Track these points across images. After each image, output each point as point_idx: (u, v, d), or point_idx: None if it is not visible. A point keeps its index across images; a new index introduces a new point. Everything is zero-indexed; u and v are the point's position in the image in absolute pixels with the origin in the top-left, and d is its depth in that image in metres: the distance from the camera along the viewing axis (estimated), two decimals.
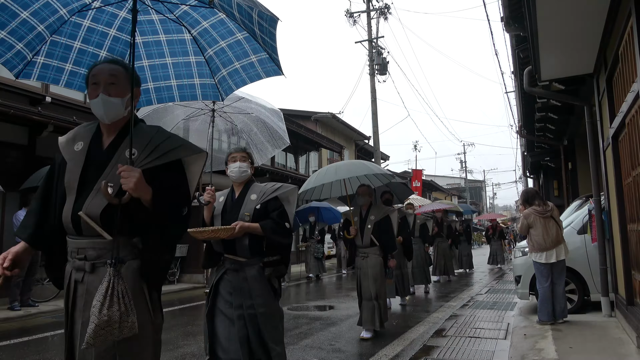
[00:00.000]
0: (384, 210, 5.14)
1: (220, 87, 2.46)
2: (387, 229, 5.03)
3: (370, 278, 4.96)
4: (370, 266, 4.98)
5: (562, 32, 4.58)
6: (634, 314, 4.32)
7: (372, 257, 5.00)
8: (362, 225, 5.07)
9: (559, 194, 11.91)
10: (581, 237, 6.02)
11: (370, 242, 5.00)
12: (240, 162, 3.01)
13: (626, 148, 4.45)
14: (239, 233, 2.73)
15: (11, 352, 4.74)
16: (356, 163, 5.34)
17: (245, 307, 2.79)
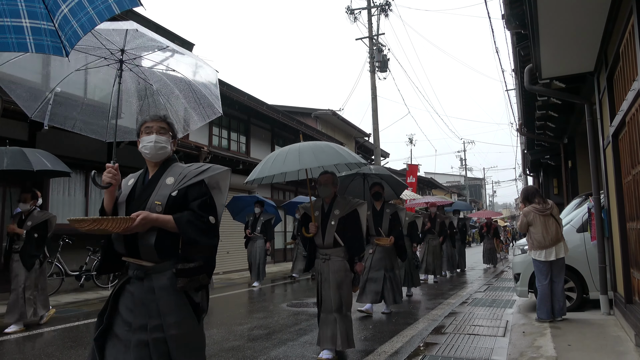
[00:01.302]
0: (350, 204, 4.16)
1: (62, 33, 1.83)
2: (354, 226, 4.11)
3: (332, 285, 4.04)
4: (332, 271, 4.07)
5: (563, 30, 4.58)
6: (633, 312, 4.33)
7: (335, 260, 4.09)
8: (324, 222, 4.16)
9: (559, 192, 11.93)
10: (580, 235, 6.03)
11: (334, 241, 4.10)
12: (157, 134, 2.28)
13: (626, 146, 4.45)
14: (139, 227, 2.02)
15: (11, 347, 4.75)
16: (324, 148, 4.06)
17: (150, 329, 2.06)
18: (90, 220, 1.97)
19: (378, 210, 6.25)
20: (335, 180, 4.27)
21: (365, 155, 26.67)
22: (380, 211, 6.24)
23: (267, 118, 15.42)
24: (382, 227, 6.16)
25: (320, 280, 4.16)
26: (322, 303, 4.12)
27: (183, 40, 12.52)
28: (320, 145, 4.11)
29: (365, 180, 6.74)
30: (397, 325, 5.59)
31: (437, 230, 10.86)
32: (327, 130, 21.26)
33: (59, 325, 5.77)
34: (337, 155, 4.05)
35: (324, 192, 4.23)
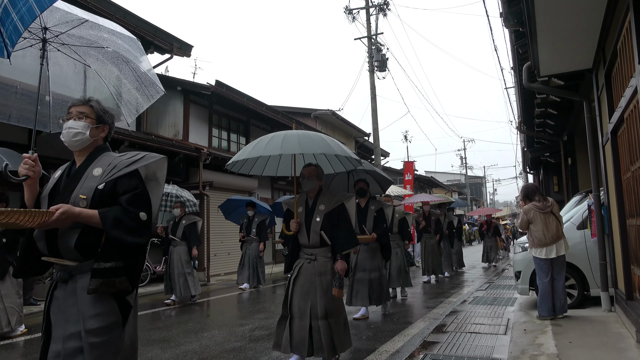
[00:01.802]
0: (337, 198, 3.76)
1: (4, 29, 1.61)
2: (342, 222, 3.69)
3: (319, 289, 3.61)
4: (319, 273, 3.65)
5: (561, 27, 4.58)
6: (634, 309, 4.33)
7: (322, 260, 3.69)
8: (309, 218, 3.76)
9: (559, 190, 11.92)
10: (581, 232, 6.03)
11: (320, 240, 3.70)
12: (74, 120, 2.06)
13: (625, 143, 4.46)
14: (59, 222, 1.81)
15: (13, 350, 4.76)
16: (312, 136, 3.73)
17: (64, 339, 1.83)
18: (4, 213, 1.67)
19: (362, 207, 5.98)
20: (320, 173, 3.86)
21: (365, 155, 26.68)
22: (364, 208, 5.97)
23: (266, 119, 15.43)
24: (366, 224, 5.90)
25: (296, 283, 3.68)
26: (294, 307, 3.63)
27: (182, 42, 12.55)
28: (309, 133, 3.75)
29: (350, 175, 6.37)
30: (398, 324, 5.60)
31: (433, 228, 10.51)
32: (327, 131, 21.27)
33: None
34: (324, 145, 3.61)
35: (308, 186, 3.80)
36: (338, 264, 3.59)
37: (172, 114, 12.87)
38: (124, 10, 10.99)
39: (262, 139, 3.71)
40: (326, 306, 3.59)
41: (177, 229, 7.75)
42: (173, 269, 7.61)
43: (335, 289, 3.55)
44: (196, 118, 13.19)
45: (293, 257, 3.85)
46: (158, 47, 12.00)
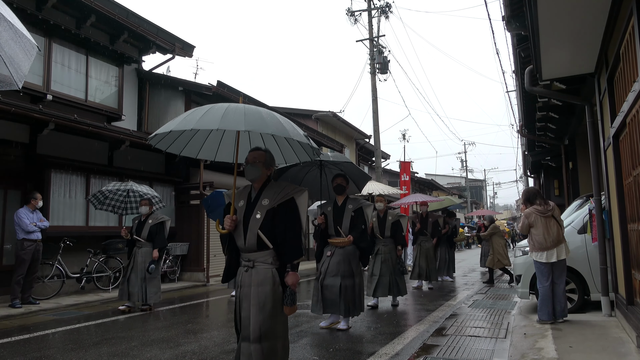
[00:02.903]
0: (285, 191, 3.03)
1: None
2: (288, 222, 2.97)
3: (253, 304, 2.90)
4: (255, 283, 2.93)
5: (564, 31, 4.58)
6: (634, 314, 4.32)
7: (261, 268, 2.96)
8: (248, 215, 3.02)
9: (560, 194, 11.91)
10: (582, 236, 6.03)
11: (258, 242, 2.95)
12: None
13: (627, 148, 4.45)
14: None
15: (12, 349, 4.75)
16: (262, 113, 2.98)
17: None
18: None
19: (339, 206, 5.47)
20: (268, 160, 3.12)
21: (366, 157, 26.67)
22: (341, 207, 5.45)
23: None
24: (342, 225, 5.38)
25: (240, 297, 3.01)
26: (241, 328, 3.00)
27: (184, 43, 12.56)
28: (259, 109, 3.01)
29: (323, 171, 5.77)
30: (398, 327, 5.59)
31: (430, 231, 9.90)
32: (328, 132, 21.28)
33: (60, 328, 5.77)
34: (276, 125, 2.87)
35: (251, 174, 3.06)
36: (289, 277, 2.90)
37: (173, 114, 12.84)
38: (127, 10, 11.00)
39: (198, 110, 2.97)
40: (261, 326, 2.86)
41: (142, 229, 6.97)
42: (136, 273, 6.86)
43: (286, 307, 2.94)
44: None
45: (232, 265, 3.13)
46: (160, 47, 12.01)
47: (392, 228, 7.19)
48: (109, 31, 10.95)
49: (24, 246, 7.22)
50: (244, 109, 2.90)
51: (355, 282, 5.38)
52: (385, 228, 7.17)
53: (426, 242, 9.78)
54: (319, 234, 5.56)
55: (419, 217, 10.09)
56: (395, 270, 7.03)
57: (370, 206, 5.63)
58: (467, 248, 31.35)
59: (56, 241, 8.28)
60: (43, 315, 6.77)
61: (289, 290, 2.94)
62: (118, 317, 6.47)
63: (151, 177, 10.80)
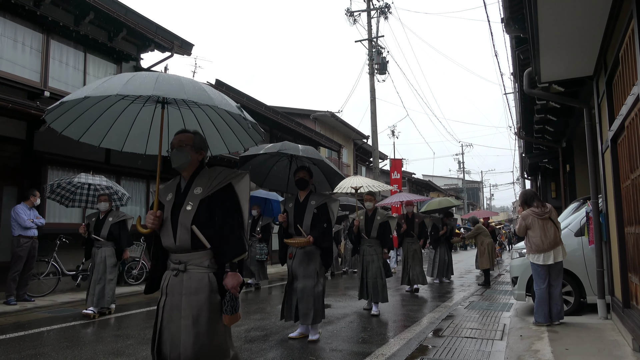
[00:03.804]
0: (222, 177, 2.54)
1: None
2: (226, 214, 2.49)
3: (185, 316, 2.42)
4: (188, 292, 2.44)
5: (563, 34, 4.58)
6: (630, 317, 4.33)
7: (195, 272, 2.46)
8: (177, 208, 2.54)
9: (557, 196, 11.95)
10: (578, 239, 6.04)
11: (192, 240, 2.46)
12: None
13: (625, 151, 4.46)
14: None
15: (7, 347, 4.72)
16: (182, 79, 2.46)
17: None
18: None
19: (301, 202, 4.96)
20: (198, 143, 2.65)
21: (364, 157, 26.69)
22: (303, 203, 4.94)
23: (265, 119, 15.41)
24: (302, 223, 4.85)
25: (164, 307, 2.49)
26: (162, 346, 2.45)
27: (183, 41, 12.52)
28: (180, 77, 2.49)
29: (292, 163, 5.34)
30: (395, 328, 5.58)
31: (417, 232, 9.35)
32: (326, 132, 21.28)
33: (55, 325, 5.74)
34: (198, 92, 2.36)
35: (178, 160, 2.58)
36: (228, 279, 2.41)
37: None
38: (125, 7, 10.97)
39: (98, 81, 2.44)
40: (195, 344, 2.38)
41: (101, 228, 6.41)
42: (92, 274, 6.38)
43: (226, 316, 2.44)
44: None
45: (157, 269, 2.60)
46: (159, 45, 11.97)
47: (380, 229, 6.70)
48: (107, 28, 10.92)
49: (20, 243, 7.18)
50: (159, 75, 2.42)
51: (315, 285, 4.84)
52: (372, 228, 6.69)
53: (413, 244, 9.26)
54: (281, 233, 5.09)
55: (404, 217, 9.49)
56: (380, 274, 6.57)
57: (336, 201, 5.07)
58: (463, 249, 31.40)
59: (52, 238, 8.25)
60: (38, 312, 6.74)
61: (228, 295, 2.43)
62: (114, 315, 6.44)
63: (148, 175, 10.77)
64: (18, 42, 8.91)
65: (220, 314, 2.46)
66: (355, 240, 6.89)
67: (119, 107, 2.84)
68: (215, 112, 2.89)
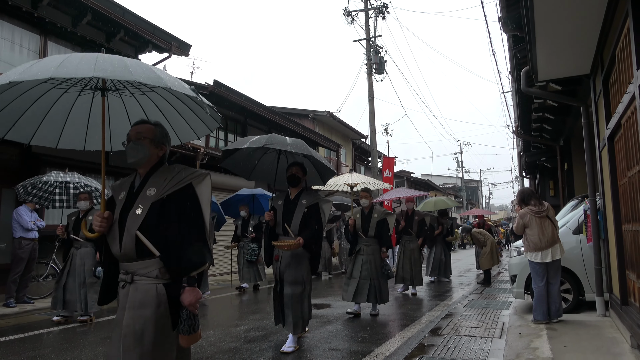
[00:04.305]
0: (180, 176, 2.22)
1: None
2: (185, 217, 2.16)
3: (126, 334, 2.09)
4: (132, 305, 2.13)
5: (560, 32, 4.60)
6: (628, 314, 4.35)
7: (142, 284, 2.14)
8: (127, 209, 2.22)
9: (555, 194, 11.97)
10: (576, 237, 6.06)
11: (137, 247, 2.13)
12: None
13: (622, 149, 4.48)
14: None
15: (6, 349, 4.73)
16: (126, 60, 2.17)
17: None
18: None
19: (292, 200, 4.66)
20: (159, 137, 2.34)
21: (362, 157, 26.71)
22: (294, 201, 4.64)
23: (264, 119, 15.42)
24: (291, 224, 4.55)
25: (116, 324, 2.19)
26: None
27: (180, 42, 12.52)
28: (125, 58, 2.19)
29: (280, 157, 5.06)
30: (394, 327, 5.60)
31: (416, 230, 8.90)
32: (324, 132, 21.28)
33: (55, 327, 5.74)
34: (146, 73, 2.09)
35: (135, 155, 2.27)
36: (185, 295, 2.09)
37: None
38: (123, 8, 10.96)
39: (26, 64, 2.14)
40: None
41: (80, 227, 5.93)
42: (74, 277, 6.01)
43: (182, 336, 2.14)
44: None
45: (110, 281, 2.28)
46: (156, 46, 11.97)
47: (378, 227, 6.41)
48: (105, 29, 10.91)
49: (21, 245, 7.18)
50: (98, 55, 2.14)
51: (303, 291, 4.56)
52: (369, 227, 6.42)
53: (411, 243, 8.83)
54: (268, 233, 4.75)
55: (403, 214, 9.06)
56: (378, 274, 6.31)
57: (328, 202, 4.80)
58: (462, 248, 31.44)
59: (51, 240, 8.24)
60: (38, 314, 6.74)
61: (185, 312, 2.11)
62: (113, 316, 6.44)
63: None
64: (15, 43, 8.91)
65: (172, 333, 2.15)
66: (352, 240, 6.60)
67: (51, 97, 2.50)
68: (163, 99, 2.57)
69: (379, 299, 6.28)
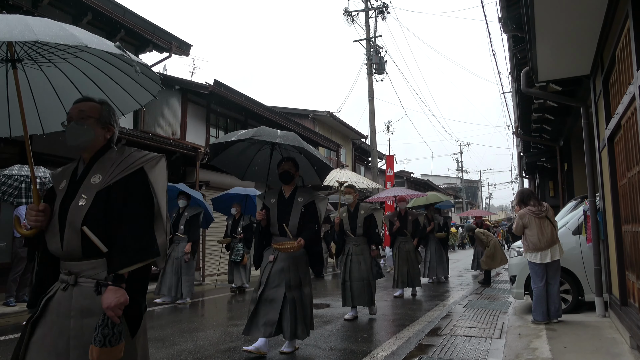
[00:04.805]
0: (130, 160, 1.95)
1: None
2: (131, 205, 1.86)
3: (75, 346, 1.79)
4: (78, 312, 1.83)
5: (560, 33, 4.61)
6: (628, 314, 4.35)
7: (87, 287, 1.84)
8: (67, 203, 1.91)
9: (555, 195, 11.98)
10: (576, 237, 6.06)
11: (82, 244, 1.85)
12: None
13: (622, 149, 4.48)
14: None
15: (7, 348, 4.73)
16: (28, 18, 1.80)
17: None
18: None
19: (287, 198, 4.39)
20: (106, 116, 2.05)
21: (362, 157, 26.71)
22: (289, 200, 4.37)
23: (264, 119, 15.43)
24: (289, 224, 4.26)
25: (32, 331, 1.92)
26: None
27: (181, 41, 12.53)
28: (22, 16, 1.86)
29: (274, 154, 4.71)
30: (393, 327, 5.60)
31: (410, 230, 8.56)
32: (324, 132, 21.29)
33: None
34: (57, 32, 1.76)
35: (77, 137, 1.96)
36: (107, 294, 1.76)
37: (169, 112, 12.84)
38: (123, 8, 10.98)
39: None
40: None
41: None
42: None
43: (94, 348, 1.71)
44: (194, 117, 13.17)
45: (44, 282, 1.97)
46: (157, 45, 11.98)
47: (365, 224, 6.10)
48: (105, 29, 10.91)
49: (22, 244, 7.19)
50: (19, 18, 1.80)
51: (304, 294, 4.29)
52: (356, 225, 6.09)
53: (406, 244, 8.46)
54: (259, 233, 4.46)
55: (397, 214, 8.74)
56: (369, 274, 6.04)
57: (324, 200, 4.49)
58: (461, 249, 31.43)
59: None
60: None
61: (103, 319, 1.74)
62: None
63: None
64: None
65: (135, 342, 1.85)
66: (339, 240, 6.30)
67: None
68: (93, 65, 2.23)
69: (369, 300, 6.05)
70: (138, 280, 1.88)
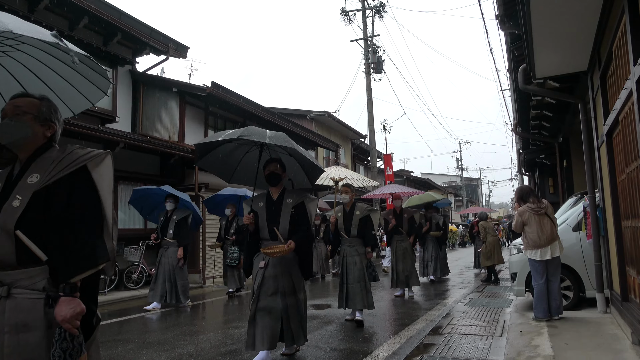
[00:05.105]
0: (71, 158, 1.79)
1: None
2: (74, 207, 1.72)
3: None
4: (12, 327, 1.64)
5: (557, 30, 4.60)
6: (629, 310, 4.35)
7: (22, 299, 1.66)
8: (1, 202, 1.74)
9: (554, 191, 11.98)
10: (576, 234, 6.06)
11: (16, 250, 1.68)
12: None
13: (620, 145, 4.48)
14: None
15: None
16: None
17: None
18: None
19: (275, 201, 4.21)
20: (46, 112, 1.90)
21: (362, 156, 26.71)
22: (277, 202, 4.21)
23: (262, 120, 15.42)
24: (279, 226, 4.10)
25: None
26: None
27: (178, 44, 12.53)
28: None
29: (262, 155, 4.45)
30: (395, 326, 5.59)
31: (406, 228, 8.35)
32: (323, 132, 21.28)
33: None
34: None
35: (10, 134, 1.83)
36: (60, 306, 1.63)
37: (167, 115, 12.83)
38: (120, 11, 10.98)
39: None
40: None
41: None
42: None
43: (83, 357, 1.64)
44: (192, 119, 13.17)
45: None
46: (154, 48, 11.98)
47: (360, 225, 5.92)
48: (102, 33, 10.92)
49: None
50: None
51: (299, 300, 4.12)
52: (351, 225, 5.92)
53: (402, 242, 8.24)
54: (247, 238, 4.35)
55: (392, 212, 8.51)
56: (364, 276, 5.82)
57: (314, 200, 4.35)
58: (462, 247, 31.44)
59: None
60: None
61: (60, 333, 1.62)
62: (114, 319, 6.44)
63: (146, 179, 10.77)
64: None
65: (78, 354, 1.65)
66: (334, 240, 6.20)
67: None
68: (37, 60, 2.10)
69: (363, 303, 5.74)
70: (88, 288, 1.74)
